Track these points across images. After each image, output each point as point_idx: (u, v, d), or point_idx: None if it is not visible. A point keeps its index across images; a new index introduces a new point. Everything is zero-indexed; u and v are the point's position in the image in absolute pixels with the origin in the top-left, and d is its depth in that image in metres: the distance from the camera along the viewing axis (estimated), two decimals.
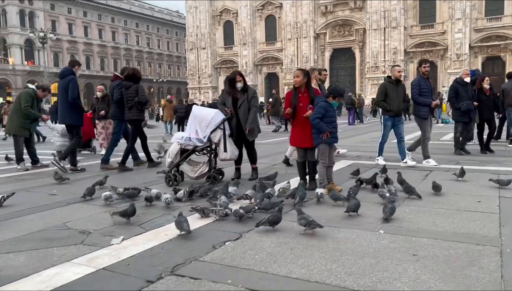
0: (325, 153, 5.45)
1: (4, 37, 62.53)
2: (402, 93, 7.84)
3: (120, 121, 8.28)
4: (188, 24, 62.47)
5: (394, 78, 7.72)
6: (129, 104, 7.77)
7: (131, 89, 7.73)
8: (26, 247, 3.58)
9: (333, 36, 54.81)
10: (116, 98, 8.07)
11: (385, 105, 7.70)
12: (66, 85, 7.92)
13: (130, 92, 7.71)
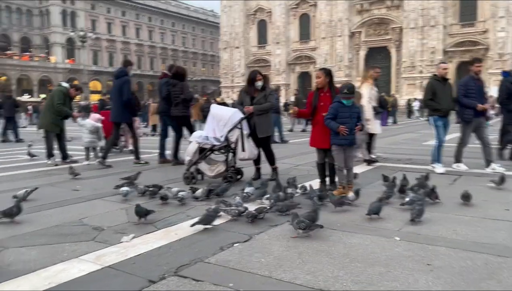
0: (336, 155, 5.31)
1: (47, 36, 64.97)
2: (450, 91, 7.28)
3: (168, 117, 8.42)
4: (222, 23, 62.89)
5: (439, 76, 7.21)
6: (175, 101, 7.97)
7: (177, 87, 7.95)
8: (40, 241, 3.65)
9: (369, 35, 53.77)
10: (164, 95, 8.24)
11: (434, 105, 7.16)
12: (121, 85, 8.23)
13: (176, 89, 7.93)
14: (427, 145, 11.82)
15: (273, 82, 58.75)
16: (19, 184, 6.18)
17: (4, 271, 3.02)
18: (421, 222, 4.10)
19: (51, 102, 8.62)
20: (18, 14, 63.73)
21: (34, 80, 62.07)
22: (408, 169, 7.30)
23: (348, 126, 5.15)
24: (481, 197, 5.15)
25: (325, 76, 5.55)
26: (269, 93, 6.41)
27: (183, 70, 8.37)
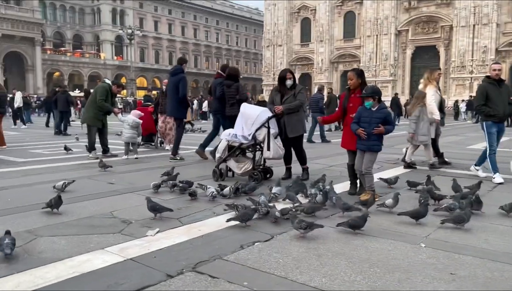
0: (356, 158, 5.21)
1: (98, 34, 67.54)
2: (506, 94, 6.65)
3: (221, 116, 8.62)
4: (266, 21, 63.02)
5: (493, 77, 6.58)
6: (230, 101, 8.15)
7: (232, 87, 8.14)
8: (70, 232, 3.82)
9: (416, 33, 52.13)
10: (218, 95, 8.43)
11: (487, 110, 6.53)
12: (177, 82, 8.50)
13: (232, 90, 8.12)
14: (471, 149, 11.40)
15: (315, 81, 58.28)
16: (59, 175, 6.48)
17: (35, 258, 3.19)
18: (444, 232, 3.95)
19: (94, 98, 8.97)
20: (72, 12, 66.61)
21: (85, 76, 64.71)
22: (448, 174, 7.05)
23: (366, 130, 4.96)
24: None
25: (357, 77, 5.46)
26: (299, 91, 6.35)
27: (237, 71, 8.58)
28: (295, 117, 6.30)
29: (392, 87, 52.53)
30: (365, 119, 5.01)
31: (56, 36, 65.20)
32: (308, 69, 60.98)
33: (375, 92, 5.06)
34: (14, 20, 54.64)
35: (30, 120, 23.22)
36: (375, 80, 53.24)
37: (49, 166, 7.74)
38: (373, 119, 4.95)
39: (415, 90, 41.83)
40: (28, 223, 4.05)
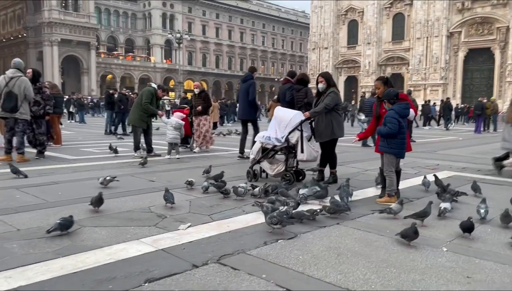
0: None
1: (148, 38, 70.10)
2: None
3: None
4: (312, 24, 62.79)
5: None
6: (298, 104, 8.43)
7: (301, 92, 8.42)
8: (111, 223, 4.17)
9: (469, 35, 50.11)
10: (289, 99, 8.79)
11: None
12: (248, 88, 9.20)
13: (300, 94, 8.41)
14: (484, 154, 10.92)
15: (362, 84, 57.42)
16: (106, 172, 6.93)
17: (78, 245, 3.54)
18: (470, 237, 3.94)
19: (140, 101, 9.47)
20: (125, 17, 69.56)
21: (136, 78, 67.34)
22: (486, 181, 6.89)
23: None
24: None
25: (383, 86, 5.58)
26: (327, 94, 6.40)
27: (306, 76, 8.93)
28: (323, 123, 6.38)
29: (442, 91, 50.79)
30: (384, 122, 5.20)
31: (109, 40, 68.30)
32: (355, 72, 60.16)
33: (385, 95, 5.24)
34: (72, 26, 57.81)
35: (83, 120, 24.54)
36: (424, 84, 51.75)
37: (97, 164, 8.27)
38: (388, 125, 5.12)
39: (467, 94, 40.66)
40: (74, 214, 4.42)
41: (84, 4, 59.65)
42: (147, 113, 9.51)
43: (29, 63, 61.74)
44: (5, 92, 8.03)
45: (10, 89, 8.06)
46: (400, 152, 5.26)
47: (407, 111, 5.19)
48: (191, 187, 5.72)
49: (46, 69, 56.82)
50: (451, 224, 4.29)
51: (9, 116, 8.20)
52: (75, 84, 60.59)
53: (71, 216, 3.87)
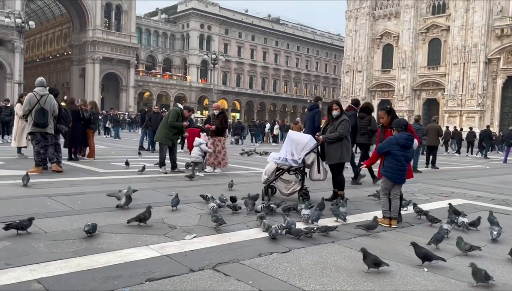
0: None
1: (185, 57, 72.32)
2: None
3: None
4: (346, 47, 63.15)
5: None
6: (361, 131, 9.28)
7: (364, 119, 9.39)
8: (125, 231, 4.64)
9: (509, 62, 49.11)
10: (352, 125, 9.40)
11: None
12: (313, 115, 9.75)
13: (364, 122, 9.33)
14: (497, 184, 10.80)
15: (396, 108, 56.88)
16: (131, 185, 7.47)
17: (94, 248, 4.02)
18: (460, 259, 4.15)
19: (166, 120, 10.08)
20: (164, 38, 72.19)
21: (172, 96, 69.34)
22: (497, 210, 6.98)
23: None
24: None
25: (387, 115, 5.92)
26: (340, 122, 6.75)
27: (371, 105, 9.89)
28: (333, 147, 6.73)
29: (479, 118, 49.70)
30: None
31: (148, 59, 70.91)
32: (389, 96, 59.75)
33: (395, 123, 5.64)
34: (114, 44, 60.56)
35: (118, 136, 25.64)
36: (460, 110, 50.76)
37: (124, 177, 8.87)
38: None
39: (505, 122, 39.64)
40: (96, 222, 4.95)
41: (126, 24, 62.48)
42: (173, 131, 10.07)
43: (72, 79, 64.98)
44: (38, 109, 8.75)
45: (41, 106, 8.79)
46: (394, 177, 5.47)
47: (408, 143, 5.41)
48: (206, 202, 6.16)
49: (87, 85, 59.58)
50: (445, 247, 4.51)
51: (41, 131, 8.89)
52: (113, 101, 63.09)
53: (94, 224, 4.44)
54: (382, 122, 6.10)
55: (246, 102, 78.36)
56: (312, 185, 7.40)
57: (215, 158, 10.43)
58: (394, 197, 5.54)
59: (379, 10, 60.22)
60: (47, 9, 72.00)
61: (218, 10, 72.80)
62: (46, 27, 76.07)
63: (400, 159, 5.36)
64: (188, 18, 70.95)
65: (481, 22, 49.33)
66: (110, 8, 61.12)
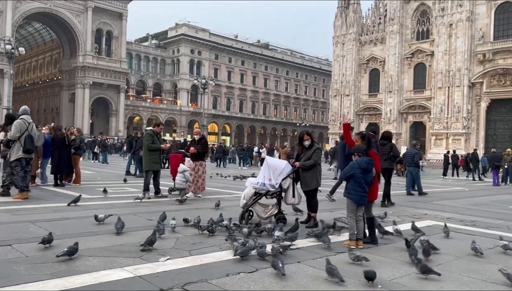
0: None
1: (176, 82, 73.05)
2: None
3: None
4: (334, 71, 64.43)
5: None
6: (384, 157, 9.95)
7: (386, 146, 10.34)
8: (103, 254, 4.90)
9: (491, 85, 50.30)
10: None
11: None
12: (345, 145, 10.42)
13: (386, 149, 10.26)
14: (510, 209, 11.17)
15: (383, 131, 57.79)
16: (112, 211, 7.72)
17: (72, 270, 4.27)
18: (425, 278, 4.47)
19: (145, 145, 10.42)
20: (154, 63, 73.04)
21: (162, 120, 69.54)
22: (462, 230, 7.33)
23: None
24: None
25: (361, 140, 6.34)
26: (314, 151, 7.14)
27: (390, 134, 10.81)
28: (309, 174, 7.09)
29: (465, 141, 50.61)
30: None
31: (138, 84, 71.51)
32: (376, 119, 60.75)
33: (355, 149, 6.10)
34: (104, 70, 61.12)
35: (106, 161, 25.82)
36: (447, 133, 51.66)
37: (107, 203, 9.11)
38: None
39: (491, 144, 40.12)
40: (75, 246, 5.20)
41: (116, 50, 63.26)
42: (155, 154, 10.35)
43: (61, 104, 65.17)
44: (28, 136, 9.11)
45: (29, 133, 9.15)
46: (357, 198, 5.80)
47: (369, 166, 5.81)
48: (186, 224, 6.43)
49: (77, 110, 59.79)
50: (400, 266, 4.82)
51: (28, 157, 9.23)
52: (103, 125, 63.25)
53: (76, 243, 4.71)
54: None
55: (236, 126, 78.95)
56: (288, 208, 7.73)
57: (196, 183, 10.66)
58: (358, 219, 5.86)
59: (365, 36, 61.79)
60: (37, 35, 72.76)
61: (208, 36, 74.04)
62: (36, 52, 76.70)
63: (362, 181, 5.73)
64: (179, 43, 72.01)
65: (464, 47, 50.74)
66: (100, 34, 61.96)
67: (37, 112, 75.57)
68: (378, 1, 61.41)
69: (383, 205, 10.11)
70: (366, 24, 62.22)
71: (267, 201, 7.58)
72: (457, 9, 50.94)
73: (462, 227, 7.76)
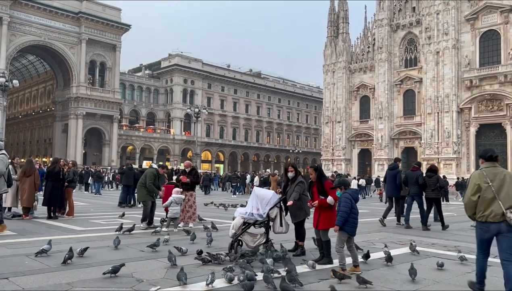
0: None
1: (169, 111, 73.65)
2: None
3: (418, 198, 11.98)
4: (325, 99, 65.49)
5: None
6: (431, 187, 11.74)
7: (433, 178, 11.87)
8: (97, 285, 5.12)
9: (480, 111, 51.24)
10: (421, 183, 11.76)
11: None
12: (395, 175, 12.43)
13: (432, 180, 11.82)
14: None
15: (375, 157, 58.43)
16: (105, 242, 7.93)
17: None
18: None
19: (144, 181, 10.71)
20: (147, 92, 73.82)
21: (155, 149, 69.91)
22: (446, 256, 7.59)
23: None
24: None
25: (315, 172, 6.83)
26: (297, 184, 7.43)
27: (436, 167, 12.67)
28: (296, 206, 7.35)
29: (456, 165, 51.23)
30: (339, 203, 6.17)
31: (132, 113, 72.02)
32: (368, 145, 61.48)
33: (342, 183, 6.38)
34: (97, 100, 61.65)
35: (99, 192, 25.88)
36: (438, 157, 52.24)
37: (100, 235, 9.29)
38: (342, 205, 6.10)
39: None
40: (69, 278, 5.41)
41: (110, 80, 64.00)
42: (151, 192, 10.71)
43: (54, 135, 65.31)
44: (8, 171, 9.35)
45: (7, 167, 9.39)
46: (352, 230, 6.13)
47: (358, 197, 6.20)
48: (181, 254, 6.67)
49: (70, 140, 59.93)
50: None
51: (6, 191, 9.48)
52: (96, 155, 63.33)
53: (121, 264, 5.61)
54: (311, 178, 6.87)
55: (229, 153, 79.28)
56: (276, 237, 7.96)
57: (186, 213, 10.85)
58: (350, 249, 6.16)
59: (354, 64, 63.20)
60: (31, 66, 73.52)
61: (201, 66, 75.22)
62: (29, 84, 77.33)
63: (356, 211, 6.04)
64: (172, 73, 73.01)
65: (451, 74, 51.97)
66: (94, 65, 62.78)
67: (30, 143, 75.66)
68: (366, 30, 63.09)
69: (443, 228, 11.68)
70: (355, 52, 63.73)
71: (255, 230, 7.81)
72: (443, 37, 52.42)
73: (445, 252, 8.03)
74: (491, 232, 4.90)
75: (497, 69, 49.57)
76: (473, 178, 5.12)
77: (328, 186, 6.60)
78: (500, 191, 4.82)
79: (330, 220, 6.40)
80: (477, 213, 4.96)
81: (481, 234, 5.01)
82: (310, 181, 6.93)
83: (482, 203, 4.89)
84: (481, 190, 4.91)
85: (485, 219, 4.88)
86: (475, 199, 4.94)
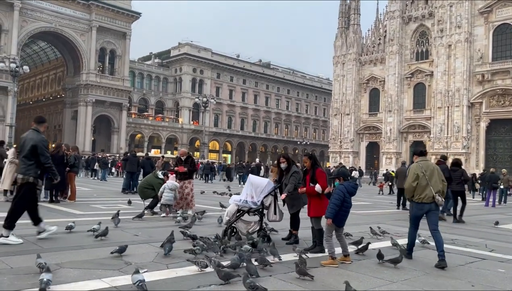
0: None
1: (178, 100, 73.81)
2: None
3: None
4: (334, 91, 65.06)
5: None
6: (456, 181, 11.91)
7: (457, 172, 12.17)
8: (85, 266, 5.17)
9: (491, 106, 50.57)
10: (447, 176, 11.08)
11: None
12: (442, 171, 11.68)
13: (457, 174, 12.12)
14: (496, 228, 11.28)
15: (384, 150, 58.07)
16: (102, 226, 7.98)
17: (53, 281, 4.52)
18: None
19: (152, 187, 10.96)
20: (157, 81, 73.96)
21: (163, 138, 70.22)
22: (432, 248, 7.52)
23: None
24: None
25: (309, 160, 6.75)
26: (291, 174, 7.41)
27: (460, 161, 12.71)
28: (292, 197, 7.33)
29: (465, 160, 50.61)
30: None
31: (141, 102, 72.30)
32: (376, 138, 61.11)
33: (341, 173, 6.41)
34: (107, 88, 61.93)
35: (105, 178, 26.11)
36: (446, 152, 51.68)
37: (98, 219, 9.33)
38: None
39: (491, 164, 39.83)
40: (59, 259, 5.47)
41: (119, 68, 64.19)
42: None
43: (64, 121, 65.84)
44: None
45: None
46: (343, 222, 6.14)
47: (355, 190, 6.18)
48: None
49: (79, 127, 60.41)
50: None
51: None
52: (105, 142, 63.81)
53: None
54: (306, 167, 6.82)
55: (237, 144, 79.37)
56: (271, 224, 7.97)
57: (184, 200, 10.89)
58: (340, 237, 6.14)
59: (365, 56, 62.59)
60: (42, 53, 73.96)
61: (210, 55, 75.09)
62: (40, 70, 77.85)
63: (348, 205, 6.01)
64: (181, 62, 73.01)
65: (463, 68, 51.23)
66: (104, 53, 62.95)
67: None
68: (377, 22, 62.37)
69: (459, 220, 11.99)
70: (366, 44, 63.08)
71: (249, 218, 7.83)
72: (456, 31, 51.61)
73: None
74: (424, 210, 6.30)
75: (510, 64, 48.76)
76: (412, 168, 6.50)
77: (319, 174, 6.57)
78: (431, 179, 6.23)
79: (320, 208, 6.40)
80: (415, 196, 6.30)
81: (416, 212, 6.42)
82: (305, 168, 6.90)
83: (419, 188, 6.24)
84: (418, 178, 6.25)
85: (421, 200, 6.25)
86: (415, 185, 6.27)
